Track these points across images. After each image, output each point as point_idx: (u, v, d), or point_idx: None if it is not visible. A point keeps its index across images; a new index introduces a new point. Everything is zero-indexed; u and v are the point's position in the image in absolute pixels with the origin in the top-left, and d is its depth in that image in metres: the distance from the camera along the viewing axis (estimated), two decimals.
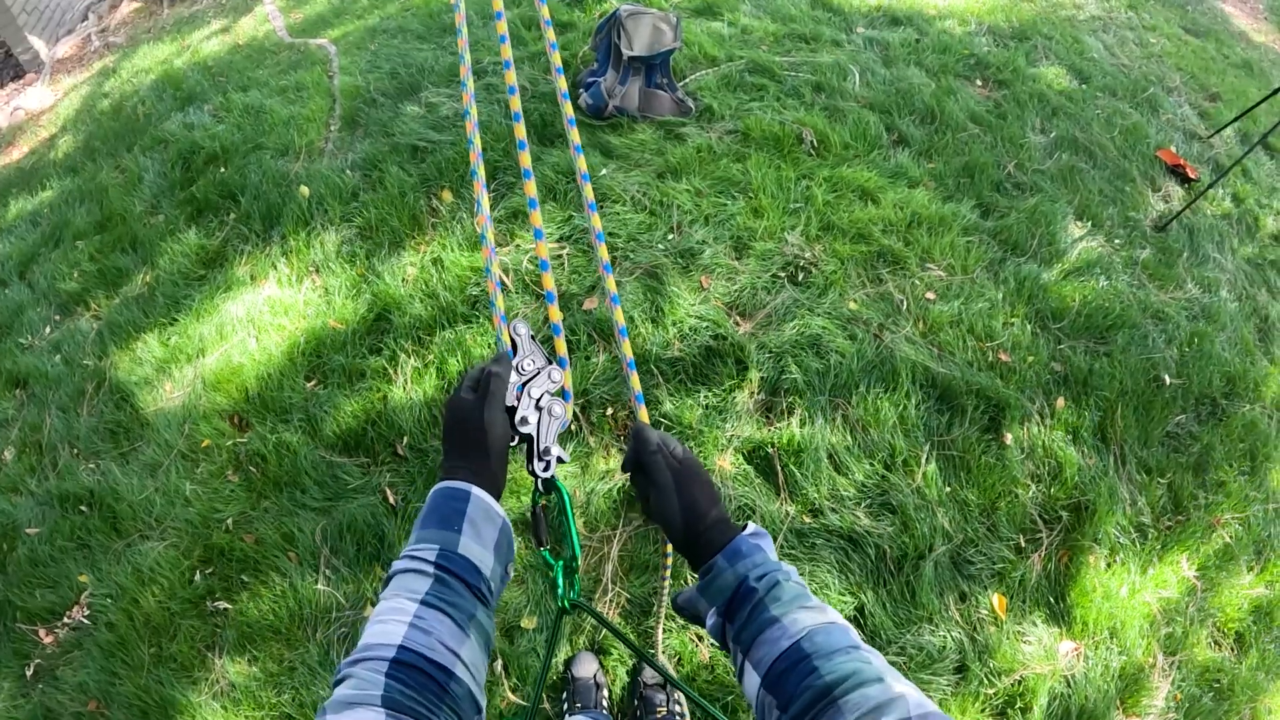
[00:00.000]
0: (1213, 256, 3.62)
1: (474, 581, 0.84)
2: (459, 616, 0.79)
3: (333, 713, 0.66)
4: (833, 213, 3.28)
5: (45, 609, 2.44)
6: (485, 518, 0.88)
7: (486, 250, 1.14)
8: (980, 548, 2.48)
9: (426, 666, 0.72)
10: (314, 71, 4.23)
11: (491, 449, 0.94)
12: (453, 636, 0.77)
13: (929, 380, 2.79)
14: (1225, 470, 2.86)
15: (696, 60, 4.07)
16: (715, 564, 0.89)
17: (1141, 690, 2.37)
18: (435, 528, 0.86)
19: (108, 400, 2.94)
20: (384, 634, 0.74)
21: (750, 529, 0.92)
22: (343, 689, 0.69)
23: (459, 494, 0.89)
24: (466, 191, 3.29)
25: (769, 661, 0.77)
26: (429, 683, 0.71)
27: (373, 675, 0.69)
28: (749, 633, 0.82)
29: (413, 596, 0.78)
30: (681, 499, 0.95)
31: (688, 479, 0.96)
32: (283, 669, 2.25)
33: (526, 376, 1.03)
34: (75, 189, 3.91)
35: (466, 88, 1.18)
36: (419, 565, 0.82)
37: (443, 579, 0.81)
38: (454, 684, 0.73)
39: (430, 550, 0.83)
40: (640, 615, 2.31)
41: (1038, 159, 3.85)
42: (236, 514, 2.53)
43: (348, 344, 2.85)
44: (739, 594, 0.85)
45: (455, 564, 0.83)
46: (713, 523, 0.93)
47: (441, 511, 0.87)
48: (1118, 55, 4.91)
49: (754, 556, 0.87)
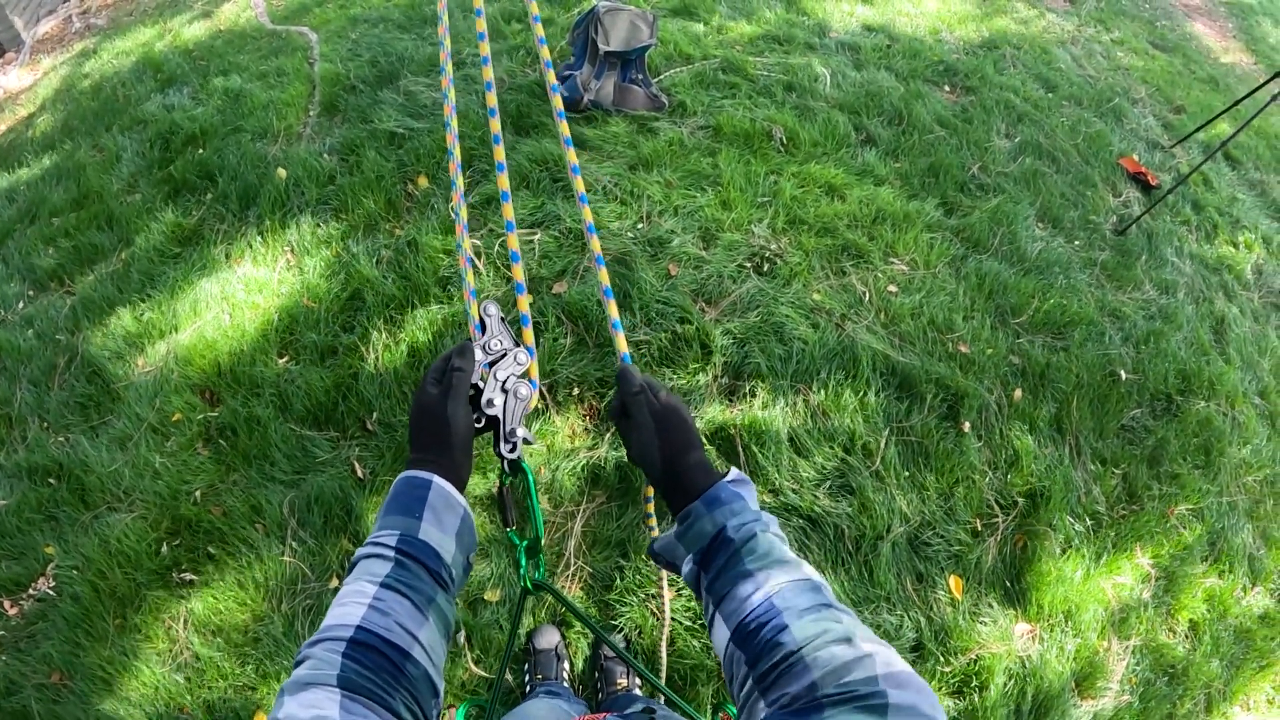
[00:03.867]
0: (1171, 260, 3.73)
1: (434, 566, 0.84)
2: (418, 599, 0.80)
3: (289, 694, 0.66)
4: (799, 207, 3.36)
5: (10, 580, 2.42)
6: (446, 506, 0.89)
7: (459, 227, 1.17)
8: (937, 530, 2.54)
9: (383, 647, 0.72)
10: (294, 58, 4.26)
11: (455, 442, 0.95)
12: (411, 618, 0.77)
13: (889, 369, 2.86)
14: (1180, 463, 2.95)
15: (671, 58, 4.15)
16: (693, 509, 0.89)
17: (1096, 672, 2.43)
18: (397, 514, 0.87)
19: (79, 374, 2.93)
20: (343, 615, 0.74)
21: (732, 475, 0.92)
22: (301, 669, 0.70)
23: (420, 482, 0.90)
24: (443, 177, 3.33)
25: (740, 616, 0.77)
26: (385, 663, 0.72)
27: (330, 655, 0.70)
28: (721, 584, 0.82)
29: (372, 579, 0.79)
30: (661, 440, 0.96)
31: (669, 420, 0.97)
32: (247, 640, 2.26)
33: (493, 356, 1.04)
34: (52, 166, 3.91)
35: (445, 72, 1.22)
36: (380, 550, 0.83)
37: (403, 563, 0.82)
38: (410, 665, 0.74)
39: (391, 535, 0.84)
40: (602, 589, 2.35)
41: (1002, 162, 3.95)
42: (205, 486, 2.54)
43: (321, 322, 2.88)
44: (716, 543, 0.85)
45: (415, 548, 0.83)
46: (693, 465, 0.94)
47: (403, 500, 0.88)
48: (1085, 67, 5.04)
49: (733, 504, 0.88)
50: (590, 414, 2.66)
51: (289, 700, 0.65)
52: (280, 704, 0.65)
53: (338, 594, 0.79)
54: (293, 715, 0.63)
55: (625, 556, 2.38)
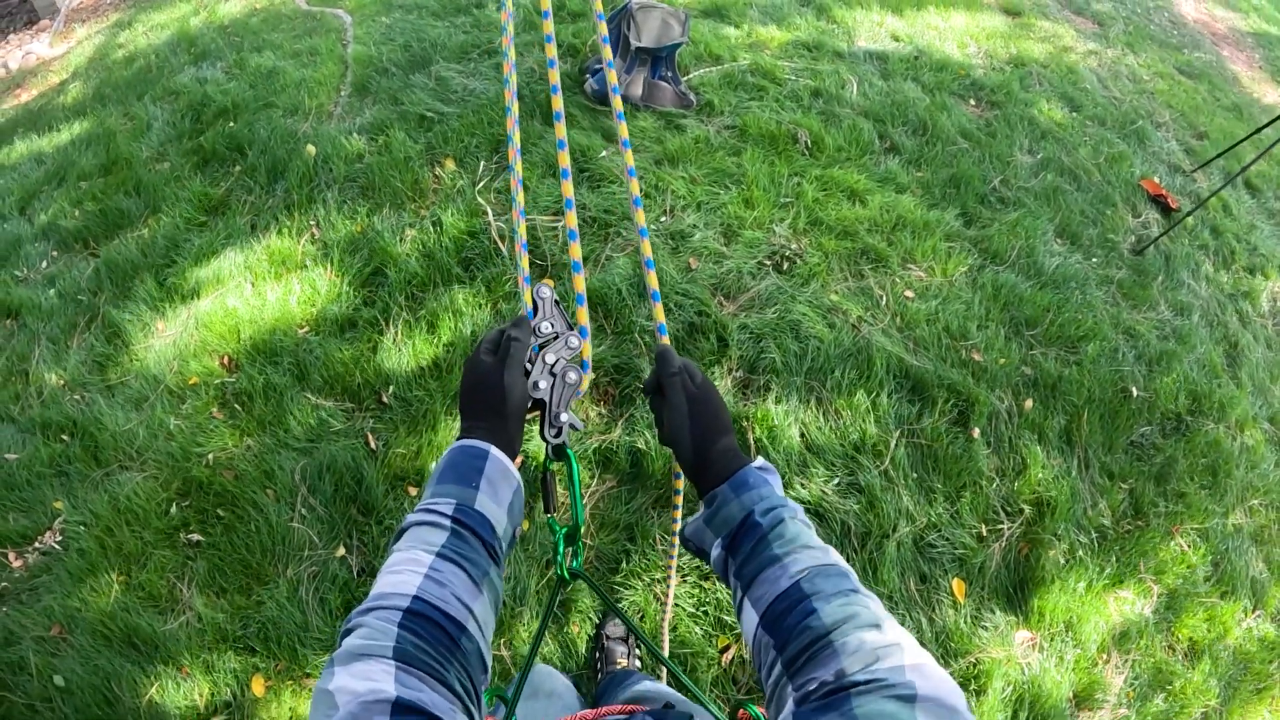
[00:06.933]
0: (1187, 283, 3.74)
1: (489, 539, 0.83)
2: (474, 572, 0.78)
3: (340, 664, 0.63)
4: (821, 209, 3.39)
5: (17, 533, 2.44)
6: (502, 477, 0.88)
7: (515, 211, 1.16)
8: (943, 533, 2.56)
9: (440, 619, 0.70)
10: (328, 39, 4.30)
11: (509, 412, 0.94)
12: (468, 591, 0.75)
13: (902, 372, 2.88)
14: (1187, 483, 2.95)
15: (701, 58, 4.19)
16: (721, 492, 0.89)
17: (1095, 685, 2.44)
18: (452, 483, 0.85)
19: (99, 334, 2.97)
20: (398, 584, 0.72)
21: (759, 462, 0.92)
22: (352, 639, 0.66)
23: (478, 452, 0.88)
24: (470, 161, 3.37)
25: (768, 601, 0.76)
26: (441, 636, 0.69)
27: (385, 625, 0.67)
28: (750, 569, 0.82)
29: (428, 548, 0.77)
30: (693, 423, 0.96)
31: (702, 404, 0.97)
32: (250, 603, 2.28)
33: (543, 339, 1.02)
34: (83, 132, 3.96)
35: (508, 57, 1.22)
36: (435, 519, 0.81)
37: (459, 533, 0.80)
38: (465, 639, 0.71)
39: (447, 504, 0.82)
40: (608, 571, 2.37)
41: (1023, 177, 3.97)
42: (218, 449, 2.56)
43: (342, 295, 2.91)
44: (743, 527, 0.85)
45: (472, 519, 0.82)
46: (722, 450, 0.94)
47: (460, 468, 0.86)
48: (1110, 88, 5.06)
49: (760, 489, 0.87)
50: (605, 399, 2.69)
51: (340, 671, 0.62)
52: (330, 674, 0.62)
53: (388, 560, 0.77)
54: (346, 687, 0.60)
55: (633, 540, 2.40)
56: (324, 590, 2.29)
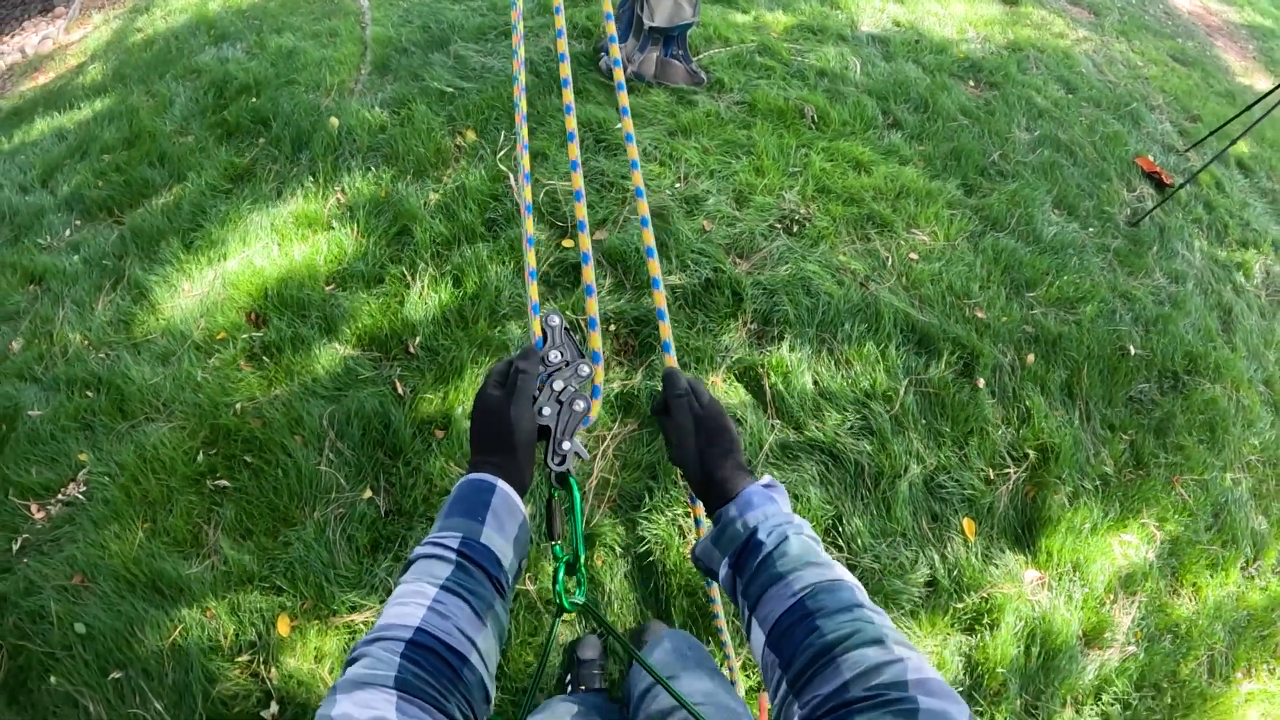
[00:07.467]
0: (1182, 254, 3.86)
1: (494, 572, 0.84)
2: (478, 605, 0.79)
3: (343, 692, 0.64)
4: (828, 178, 3.50)
5: (40, 485, 2.46)
6: (508, 511, 0.89)
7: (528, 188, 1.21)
8: (952, 475, 2.64)
9: (442, 650, 0.72)
10: (347, 21, 4.41)
11: (518, 445, 0.95)
12: (470, 624, 0.77)
13: (909, 326, 2.98)
14: (1185, 436, 3.05)
15: (711, 39, 4.32)
16: (726, 511, 0.91)
17: (1103, 624, 2.52)
18: (460, 516, 0.87)
19: (125, 295, 3.02)
20: (402, 615, 0.74)
21: (765, 480, 0.94)
22: (356, 668, 0.68)
23: (485, 485, 0.90)
24: (490, 132, 3.46)
25: (773, 619, 0.77)
26: (444, 667, 0.71)
27: (388, 655, 0.69)
28: (755, 588, 0.83)
29: (434, 581, 0.79)
30: (700, 442, 0.98)
31: (710, 424, 0.99)
32: (277, 544, 2.31)
33: (551, 368, 1.03)
34: (104, 109, 4.04)
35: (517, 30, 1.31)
36: (441, 551, 0.83)
37: (464, 566, 0.82)
38: (467, 671, 0.73)
39: (453, 538, 0.84)
40: (630, 508, 2.44)
41: (1021, 152, 4.11)
42: (246, 399, 2.61)
43: (368, 253, 2.99)
44: (748, 546, 0.86)
45: (477, 553, 0.83)
46: (729, 470, 0.95)
47: (467, 502, 0.88)
48: (1105, 73, 5.21)
49: (765, 508, 0.89)
50: (624, 350, 2.77)
51: (343, 699, 0.63)
52: (333, 702, 0.63)
53: (395, 592, 0.79)
54: (348, 714, 0.62)
55: (654, 478, 2.47)
56: (351, 530, 2.33)
